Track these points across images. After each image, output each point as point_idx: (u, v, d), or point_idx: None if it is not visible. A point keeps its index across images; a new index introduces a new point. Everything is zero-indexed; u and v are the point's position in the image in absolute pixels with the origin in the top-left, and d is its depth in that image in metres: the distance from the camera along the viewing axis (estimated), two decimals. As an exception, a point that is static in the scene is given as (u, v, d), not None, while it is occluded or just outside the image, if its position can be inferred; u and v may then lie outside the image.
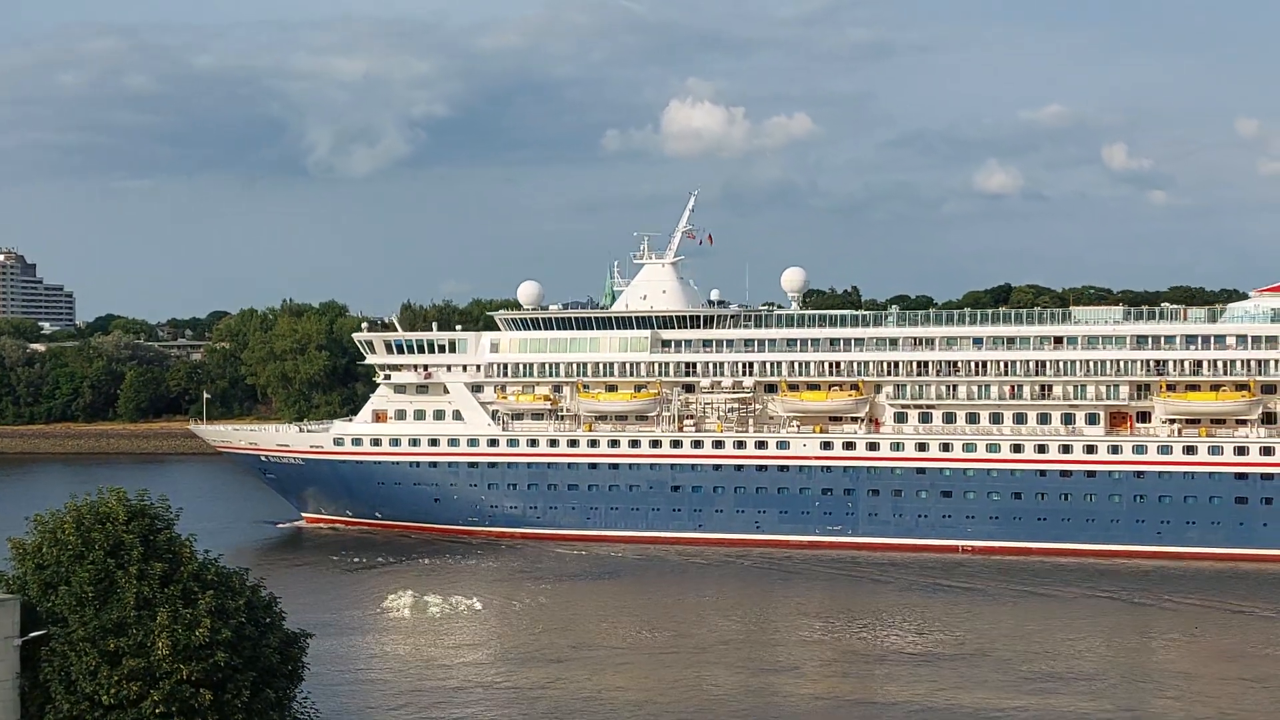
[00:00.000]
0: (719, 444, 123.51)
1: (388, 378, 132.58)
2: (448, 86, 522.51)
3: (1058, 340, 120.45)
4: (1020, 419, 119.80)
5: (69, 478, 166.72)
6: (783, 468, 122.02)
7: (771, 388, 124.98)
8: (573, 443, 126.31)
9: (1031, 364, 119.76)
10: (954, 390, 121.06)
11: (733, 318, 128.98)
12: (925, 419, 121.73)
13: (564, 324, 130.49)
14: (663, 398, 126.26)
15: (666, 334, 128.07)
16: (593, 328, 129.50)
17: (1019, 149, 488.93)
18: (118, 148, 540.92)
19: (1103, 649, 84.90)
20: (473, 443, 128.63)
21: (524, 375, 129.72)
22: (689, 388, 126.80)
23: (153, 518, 39.28)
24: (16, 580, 38.25)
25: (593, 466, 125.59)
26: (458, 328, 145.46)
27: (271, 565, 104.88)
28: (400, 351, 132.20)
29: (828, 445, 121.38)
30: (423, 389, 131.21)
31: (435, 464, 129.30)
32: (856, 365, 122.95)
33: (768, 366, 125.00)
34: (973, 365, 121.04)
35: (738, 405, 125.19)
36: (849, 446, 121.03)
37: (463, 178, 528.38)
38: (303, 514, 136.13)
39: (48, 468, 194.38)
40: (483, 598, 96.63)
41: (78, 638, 36.70)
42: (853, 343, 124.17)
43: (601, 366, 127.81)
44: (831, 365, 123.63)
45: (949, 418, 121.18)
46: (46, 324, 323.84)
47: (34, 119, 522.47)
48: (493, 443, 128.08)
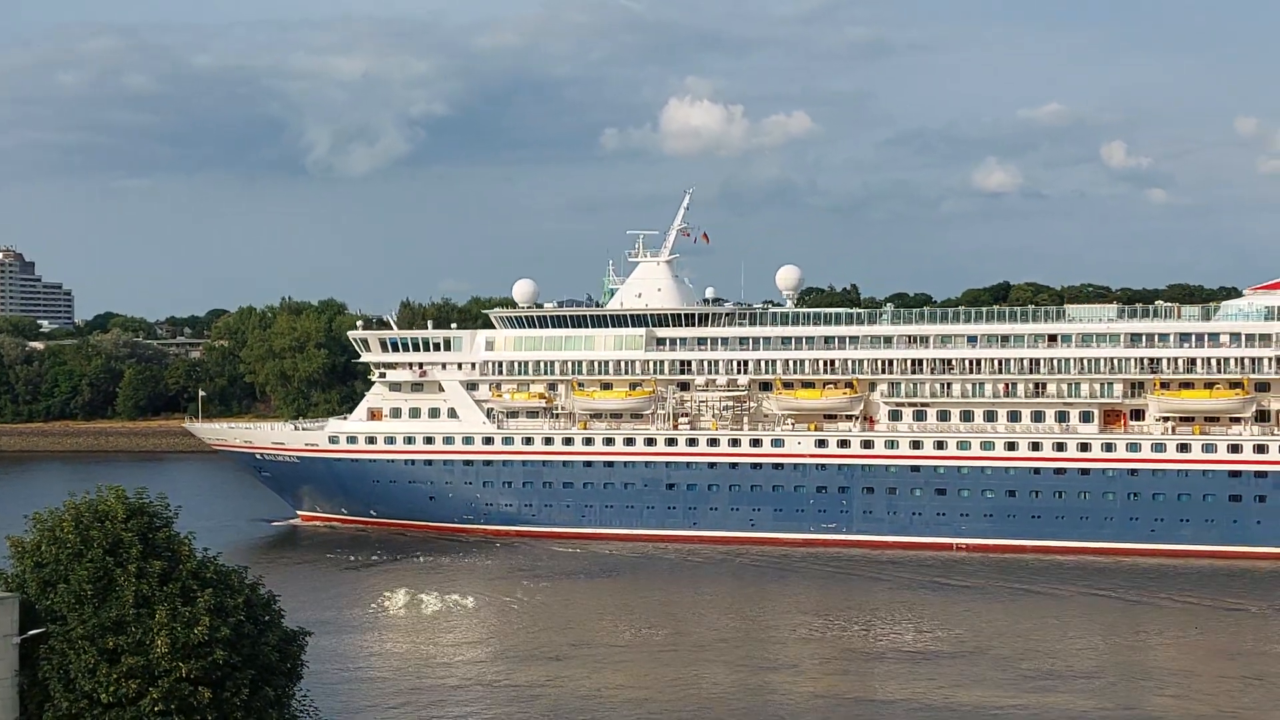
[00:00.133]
0: (714, 442, 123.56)
1: (383, 376, 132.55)
2: (446, 86, 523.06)
3: (1052, 338, 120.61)
4: (1014, 417, 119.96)
5: (67, 476, 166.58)
6: (777, 466, 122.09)
7: (766, 386, 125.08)
8: (568, 441, 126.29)
9: (1026, 362, 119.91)
10: (948, 388, 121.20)
11: (727, 316, 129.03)
12: (920, 417, 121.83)
13: (559, 322, 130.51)
14: (657, 396, 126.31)
15: (661, 332, 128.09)
16: (588, 326, 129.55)
17: (1018, 148, 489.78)
18: (117, 147, 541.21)
19: (1100, 646, 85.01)
20: (468, 441, 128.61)
21: (519, 373, 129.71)
22: (684, 386, 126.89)
23: (151, 516, 39.20)
24: (15, 578, 38.14)
25: (588, 465, 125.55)
26: (454, 326, 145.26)
27: (269, 563, 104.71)
28: (395, 349, 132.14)
29: (822, 443, 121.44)
30: (418, 387, 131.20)
31: (430, 462, 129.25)
32: (851, 363, 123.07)
33: (762, 364, 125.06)
34: (967, 363, 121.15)
35: (732, 403, 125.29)
36: (843, 444, 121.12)
37: (461, 177, 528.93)
38: (298, 512, 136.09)
39: (46, 466, 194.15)
40: (480, 596, 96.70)
41: (76, 636, 36.64)
42: (847, 341, 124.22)
43: (596, 364, 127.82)
44: (826, 363, 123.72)
45: (943, 415, 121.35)
46: (45, 322, 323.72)
47: (34, 119, 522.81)
48: (488, 441, 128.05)
